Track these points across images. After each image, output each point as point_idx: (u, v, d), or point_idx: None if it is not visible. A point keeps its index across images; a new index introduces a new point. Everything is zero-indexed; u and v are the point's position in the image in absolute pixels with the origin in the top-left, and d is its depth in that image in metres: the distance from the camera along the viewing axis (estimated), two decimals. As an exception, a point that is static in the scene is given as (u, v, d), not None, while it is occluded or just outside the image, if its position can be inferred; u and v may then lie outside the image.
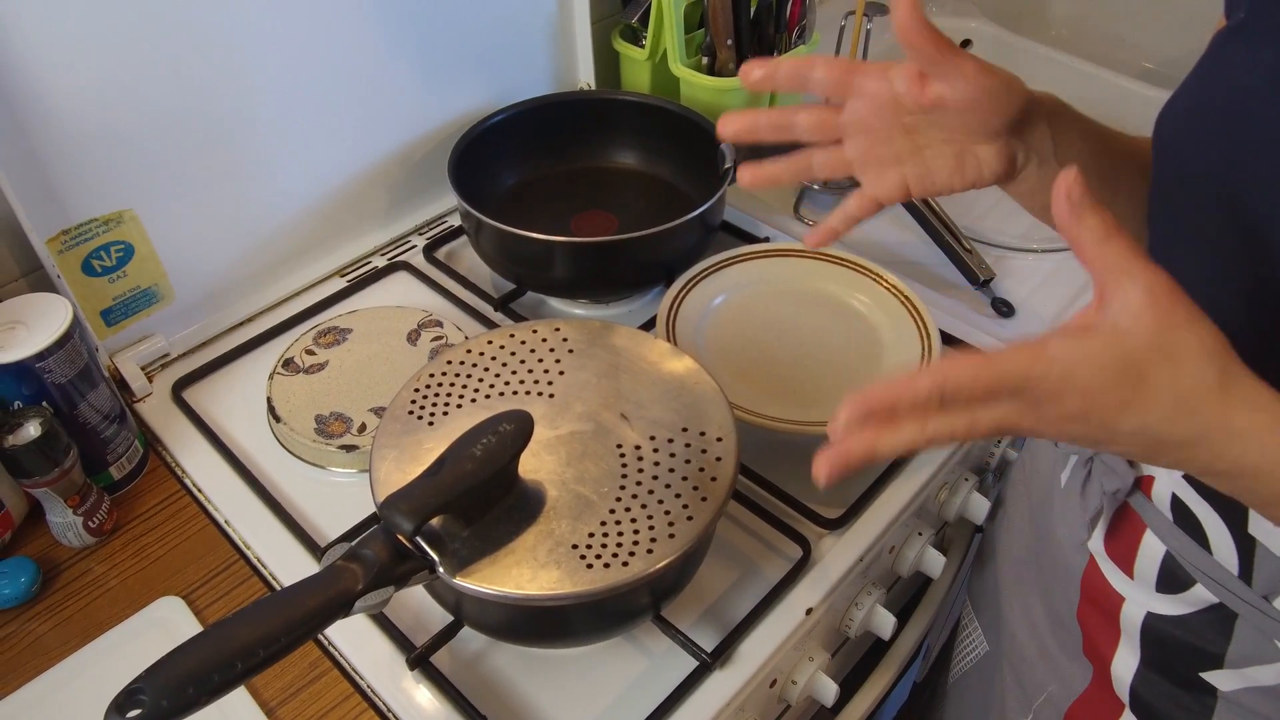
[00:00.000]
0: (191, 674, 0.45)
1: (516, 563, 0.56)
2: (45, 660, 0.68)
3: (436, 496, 0.54)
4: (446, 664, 0.67)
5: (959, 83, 0.51)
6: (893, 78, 0.54)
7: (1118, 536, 0.64)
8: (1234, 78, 0.50)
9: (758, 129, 0.59)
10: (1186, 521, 0.57)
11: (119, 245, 0.81)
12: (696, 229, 0.92)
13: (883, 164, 0.57)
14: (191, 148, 0.82)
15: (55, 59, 0.72)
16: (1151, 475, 0.60)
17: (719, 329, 0.89)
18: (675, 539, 0.58)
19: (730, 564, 0.73)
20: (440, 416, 0.65)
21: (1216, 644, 0.58)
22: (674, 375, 0.67)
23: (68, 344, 0.71)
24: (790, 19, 1.11)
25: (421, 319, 0.88)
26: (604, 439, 0.63)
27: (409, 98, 0.98)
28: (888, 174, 0.57)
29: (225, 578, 0.73)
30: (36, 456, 0.69)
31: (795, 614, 0.70)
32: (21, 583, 0.71)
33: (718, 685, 0.66)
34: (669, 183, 1.07)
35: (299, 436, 0.78)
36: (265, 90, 0.85)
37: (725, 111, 0.59)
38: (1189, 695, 0.61)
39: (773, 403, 0.80)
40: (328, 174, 0.95)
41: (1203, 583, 0.57)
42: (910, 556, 0.82)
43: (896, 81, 0.54)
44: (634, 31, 1.15)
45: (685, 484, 0.61)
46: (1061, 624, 0.71)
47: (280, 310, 0.94)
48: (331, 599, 0.50)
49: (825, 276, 0.93)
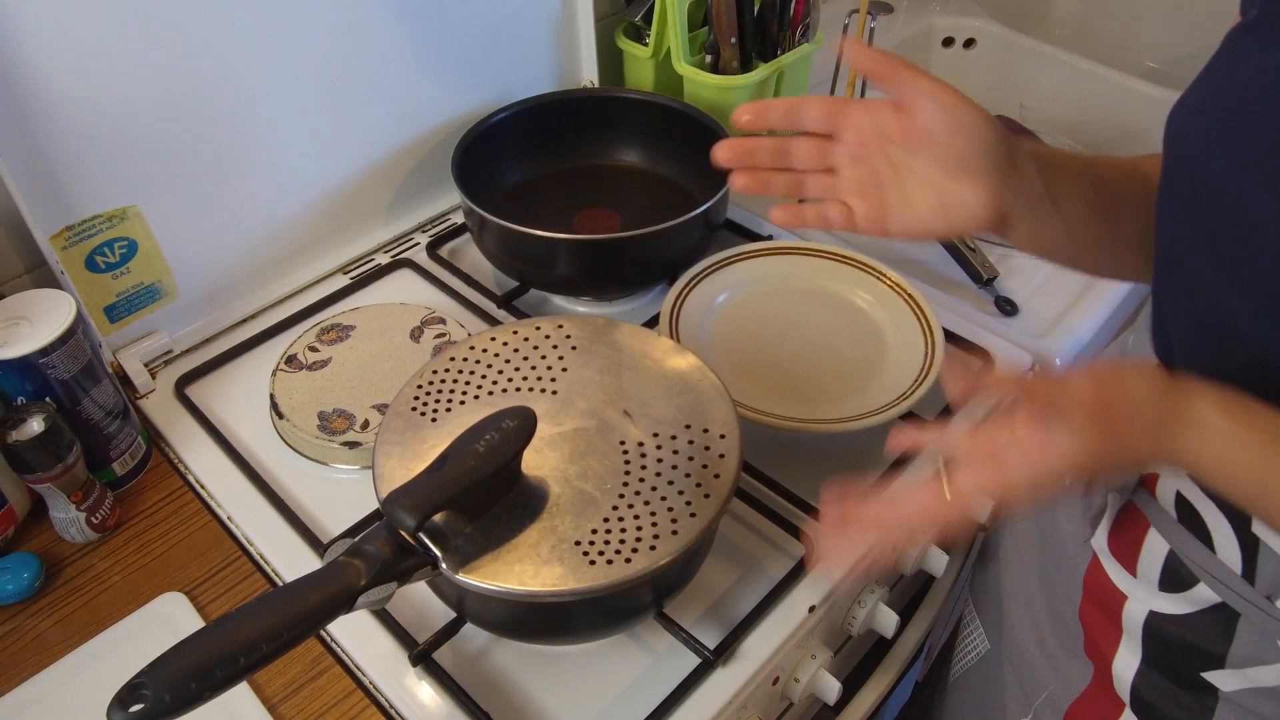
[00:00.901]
0: (194, 669, 0.45)
1: (519, 559, 0.56)
2: (48, 656, 0.68)
3: (439, 492, 0.54)
4: (449, 660, 0.67)
5: (924, 101, 0.54)
6: (876, 110, 0.57)
7: (1121, 534, 0.64)
8: (1245, 77, 0.50)
9: (769, 116, 0.60)
10: (1191, 520, 0.57)
11: (122, 242, 0.81)
12: (699, 227, 0.92)
13: (866, 190, 0.59)
14: (196, 144, 0.83)
15: (60, 55, 0.72)
16: (1156, 474, 0.60)
17: (722, 326, 0.89)
18: (678, 536, 0.57)
19: (733, 561, 0.73)
20: (443, 413, 0.65)
21: (1218, 644, 0.58)
22: (677, 372, 0.67)
23: (71, 340, 0.71)
24: (794, 17, 1.10)
25: (424, 316, 0.88)
26: (607, 436, 0.63)
27: (413, 95, 0.98)
28: (870, 199, 0.59)
29: (228, 574, 0.73)
30: (40, 452, 0.69)
31: (798, 612, 0.70)
32: (24, 578, 0.71)
33: (720, 683, 0.66)
34: (672, 180, 1.07)
35: (302, 433, 0.79)
36: (269, 86, 0.85)
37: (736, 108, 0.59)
38: (1190, 695, 0.61)
39: (776, 400, 0.80)
40: (331, 171, 0.95)
41: (1206, 582, 0.57)
42: (913, 554, 0.82)
43: (880, 113, 0.56)
44: (637, 29, 1.15)
45: (688, 481, 0.61)
46: (1063, 622, 0.71)
47: (283, 307, 0.94)
48: (334, 594, 0.50)
49: (829, 274, 0.93)
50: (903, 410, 0.78)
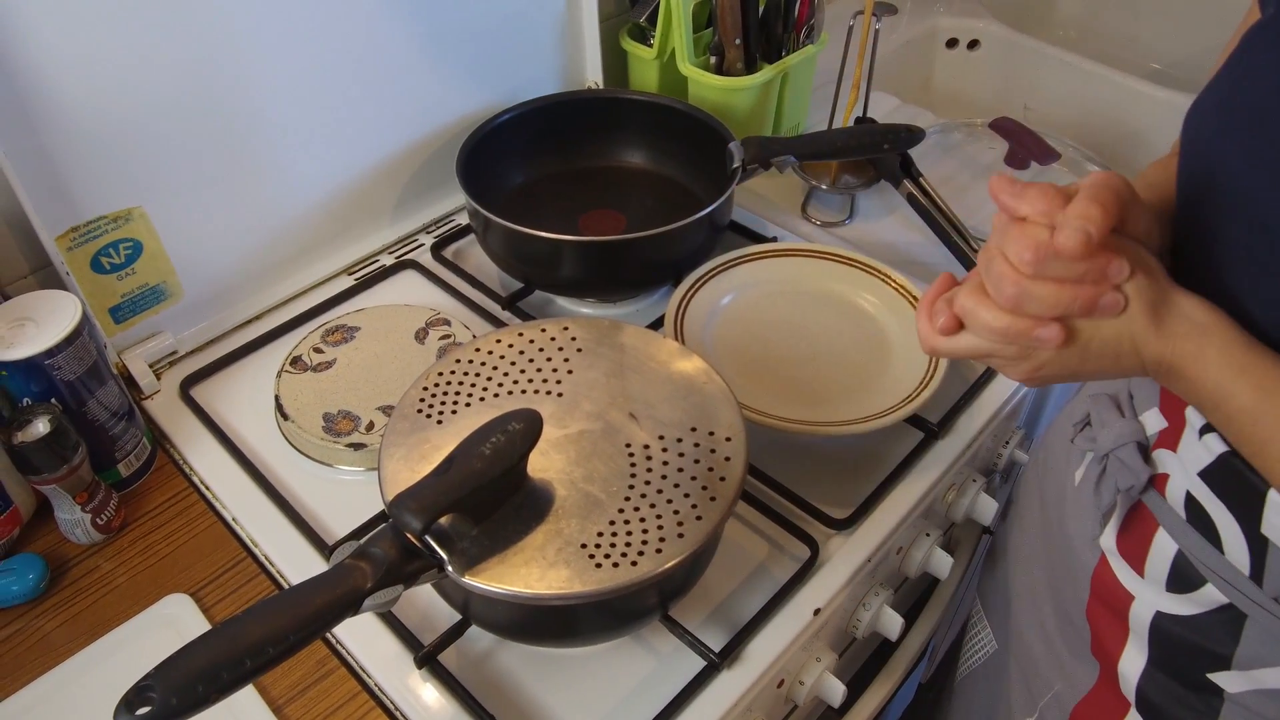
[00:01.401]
0: (201, 672, 0.45)
1: (525, 562, 0.56)
2: (53, 657, 0.68)
3: (445, 495, 0.53)
4: (454, 662, 0.67)
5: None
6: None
7: (1130, 534, 0.63)
8: (1261, 75, 0.50)
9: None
10: (1200, 520, 0.57)
11: (128, 243, 0.81)
12: (704, 228, 0.92)
13: None
14: (201, 145, 0.83)
15: (65, 54, 0.72)
16: (1166, 474, 0.60)
17: (727, 328, 0.89)
18: (684, 539, 0.57)
19: (738, 564, 0.73)
20: (449, 415, 0.65)
21: (1225, 645, 0.58)
22: (683, 375, 0.67)
23: (77, 341, 0.71)
24: (799, 18, 1.10)
25: (429, 317, 0.88)
26: (613, 438, 0.63)
27: (418, 96, 0.98)
28: None
29: (233, 575, 0.73)
30: (45, 453, 0.69)
31: (803, 614, 0.70)
32: (29, 579, 0.71)
33: (725, 685, 0.65)
34: (677, 182, 1.07)
35: (307, 434, 0.79)
36: (276, 88, 0.85)
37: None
38: (1195, 696, 0.61)
39: (780, 402, 0.80)
40: (336, 172, 0.95)
41: (1213, 582, 0.57)
42: (918, 557, 0.82)
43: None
44: (642, 31, 1.15)
45: (694, 484, 0.61)
46: (1070, 622, 0.71)
47: (288, 308, 0.94)
48: (340, 597, 0.50)
49: (833, 277, 0.93)
50: (908, 413, 0.78)
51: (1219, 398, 0.50)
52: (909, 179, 1.04)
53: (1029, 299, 0.50)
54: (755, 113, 1.11)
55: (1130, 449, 0.62)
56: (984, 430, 0.84)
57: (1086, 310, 0.50)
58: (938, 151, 1.22)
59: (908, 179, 1.04)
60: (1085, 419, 0.69)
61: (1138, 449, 0.62)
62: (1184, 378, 0.51)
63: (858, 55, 1.07)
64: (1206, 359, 0.50)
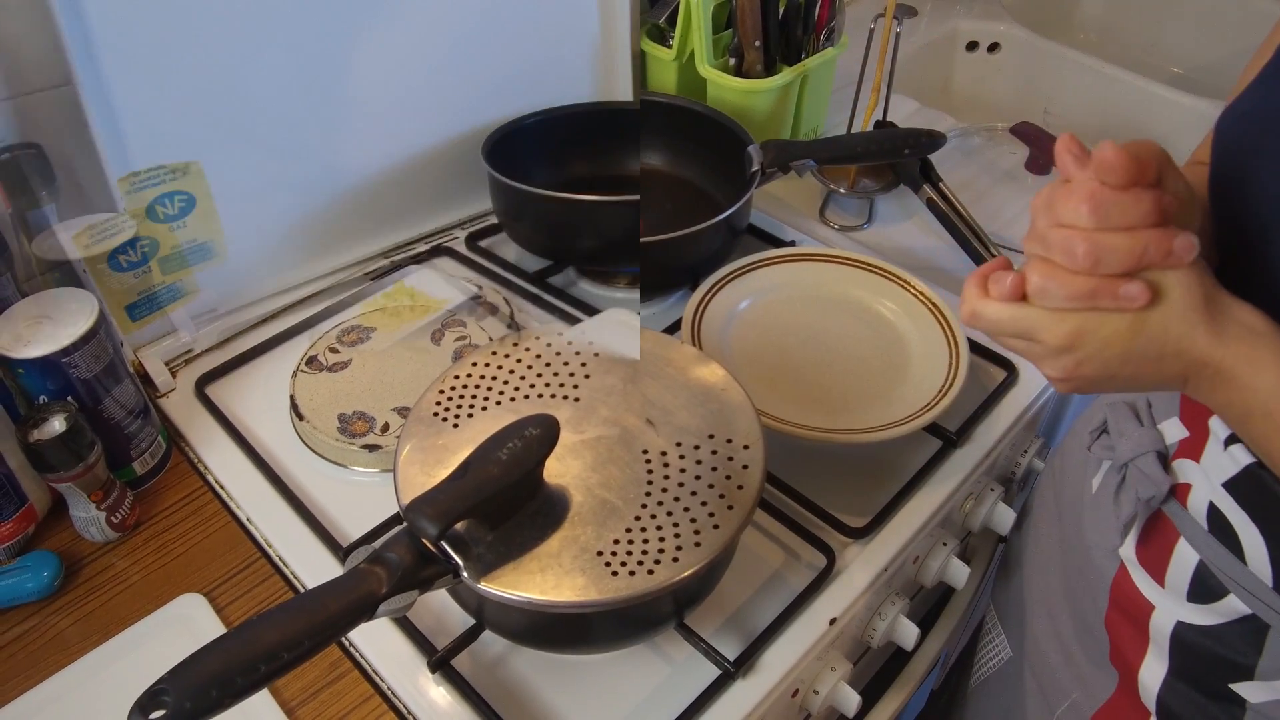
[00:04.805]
0: (215, 676, 0.45)
1: (541, 569, 0.55)
2: (66, 655, 0.68)
3: (461, 501, 0.53)
4: (467, 667, 0.66)
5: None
6: None
7: (1150, 544, 0.63)
8: None
9: None
10: (1222, 531, 0.57)
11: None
12: (722, 232, 0.91)
13: None
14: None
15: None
16: (1188, 483, 0.59)
17: (744, 333, 0.88)
18: (701, 548, 0.57)
19: (754, 572, 0.73)
20: (465, 419, 0.64)
21: (1247, 655, 0.57)
22: (701, 381, 0.67)
23: (94, 339, 0.71)
24: (819, 20, 1.10)
25: (445, 318, 0.88)
26: (630, 444, 0.63)
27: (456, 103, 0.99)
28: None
29: (246, 575, 0.73)
30: (61, 451, 0.69)
31: (819, 624, 0.69)
32: (44, 577, 0.71)
33: (739, 695, 0.65)
34: (695, 185, 1.06)
35: (322, 435, 0.78)
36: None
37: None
38: (1217, 706, 0.60)
39: (797, 409, 0.79)
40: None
41: (1236, 593, 0.57)
42: (934, 567, 0.81)
43: None
44: (661, 32, 1.15)
45: (711, 492, 0.60)
46: (1088, 631, 0.70)
47: (304, 308, 0.94)
48: (355, 602, 0.50)
49: (852, 282, 0.92)
50: (927, 421, 0.78)
51: (1273, 404, 0.47)
52: (929, 184, 1.03)
53: (1105, 251, 0.47)
54: (774, 115, 1.11)
55: (1150, 458, 0.61)
56: (1003, 439, 0.83)
57: (1162, 254, 0.46)
58: (957, 156, 1.22)
59: (927, 184, 1.03)
60: (1102, 426, 0.68)
61: (1157, 458, 0.61)
62: (1233, 382, 0.48)
63: (878, 58, 1.07)
64: (1262, 362, 0.47)
